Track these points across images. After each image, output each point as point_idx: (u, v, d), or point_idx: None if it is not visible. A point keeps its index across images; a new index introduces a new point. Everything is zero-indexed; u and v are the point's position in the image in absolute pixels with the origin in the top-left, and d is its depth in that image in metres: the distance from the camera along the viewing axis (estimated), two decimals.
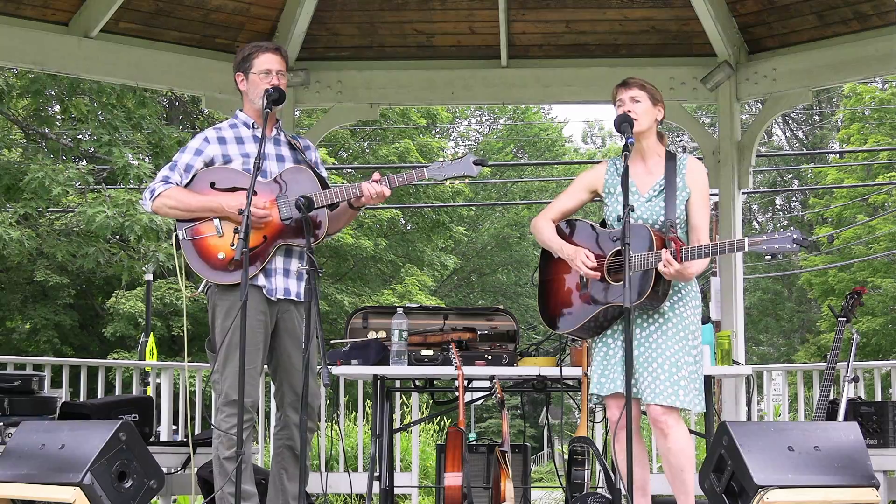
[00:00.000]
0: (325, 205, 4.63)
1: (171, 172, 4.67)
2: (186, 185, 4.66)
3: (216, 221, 4.60)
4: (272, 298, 4.65)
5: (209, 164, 4.70)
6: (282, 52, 4.83)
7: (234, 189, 4.61)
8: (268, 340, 4.68)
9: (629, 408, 4.18)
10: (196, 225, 4.62)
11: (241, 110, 4.86)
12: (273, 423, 4.87)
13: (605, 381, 4.53)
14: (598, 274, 4.49)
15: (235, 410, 4.41)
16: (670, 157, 4.58)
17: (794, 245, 4.15)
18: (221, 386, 4.56)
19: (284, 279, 4.68)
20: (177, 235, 4.65)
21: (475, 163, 4.62)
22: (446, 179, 4.61)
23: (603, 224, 4.66)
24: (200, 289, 4.71)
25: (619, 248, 4.42)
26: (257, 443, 7.18)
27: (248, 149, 4.72)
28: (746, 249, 4.30)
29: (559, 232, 4.69)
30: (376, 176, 4.70)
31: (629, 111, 4.49)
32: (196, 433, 6.88)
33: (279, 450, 4.75)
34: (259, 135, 4.69)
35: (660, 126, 4.65)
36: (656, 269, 4.32)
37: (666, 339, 4.43)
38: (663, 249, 4.33)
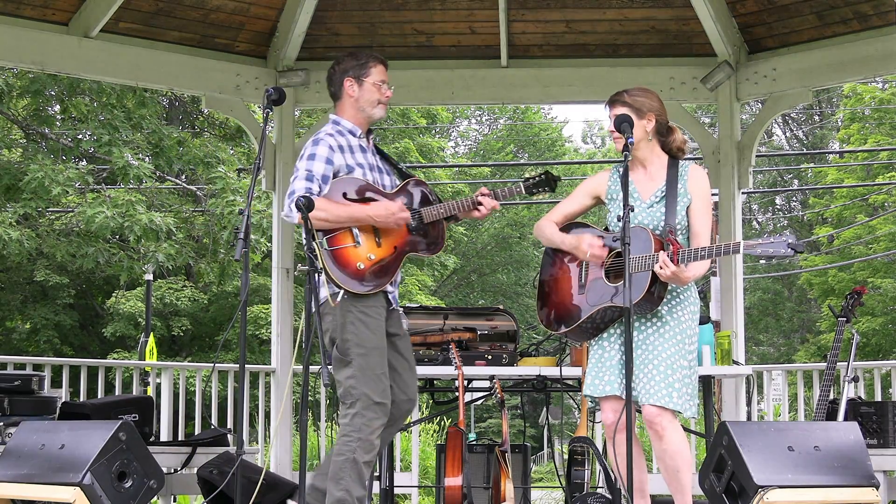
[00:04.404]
0: (444, 217, 4.78)
1: (311, 184, 4.63)
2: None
3: (354, 231, 4.64)
4: (392, 306, 4.77)
5: (336, 174, 4.71)
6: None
7: (367, 199, 4.66)
8: None
9: (629, 409, 4.18)
10: (334, 235, 4.63)
11: (338, 115, 4.85)
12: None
13: (599, 383, 4.53)
14: (605, 253, 4.51)
15: (378, 413, 4.56)
16: (672, 164, 4.59)
17: (789, 249, 4.17)
18: (359, 390, 4.60)
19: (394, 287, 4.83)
20: (317, 244, 4.65)
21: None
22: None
23: (607, 230, 4.67)
24: (338, 296, 4.63)
25: (619, 249, 4.44)
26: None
27: (359, 158, 4.77)
28: (742, 252, 4.31)
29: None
30: (484, 190, 4.83)
31: (612, 130, 4.53)
32: (197, 433, 6.88)
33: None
34: (364, 144, 4.80)
35: (658, 136, 4.65)
36: (653, 271, 4.32)
37: (663, 342, 4.43)
38: (660, 252, 4.33)
